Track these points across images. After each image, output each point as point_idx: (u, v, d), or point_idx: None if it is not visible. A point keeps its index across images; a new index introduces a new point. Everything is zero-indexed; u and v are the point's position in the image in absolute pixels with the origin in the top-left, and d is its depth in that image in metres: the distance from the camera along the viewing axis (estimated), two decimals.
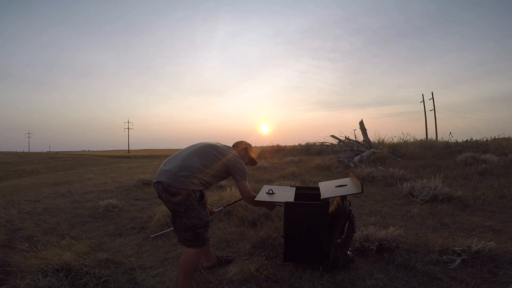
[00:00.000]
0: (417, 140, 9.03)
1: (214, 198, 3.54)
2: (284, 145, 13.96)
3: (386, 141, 8.81)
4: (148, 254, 2.45)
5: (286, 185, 4.15)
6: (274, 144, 14.04)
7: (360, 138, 8.36)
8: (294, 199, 2.03)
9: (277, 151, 12.71)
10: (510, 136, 9.36)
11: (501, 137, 9.00)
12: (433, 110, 28.07)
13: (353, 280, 1.84)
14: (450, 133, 13.01)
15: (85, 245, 2.49)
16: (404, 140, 8.74)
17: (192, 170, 1.71)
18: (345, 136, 8.74)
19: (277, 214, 3.01)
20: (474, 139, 8.10)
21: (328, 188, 2.07)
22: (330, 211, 2.01)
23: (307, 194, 2.32)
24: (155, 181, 1.73)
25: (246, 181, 1.93)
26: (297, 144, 13.25)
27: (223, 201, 3.34)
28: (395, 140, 8.85)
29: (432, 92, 28.36)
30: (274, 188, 2.33)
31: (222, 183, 5.18)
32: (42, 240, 2.74)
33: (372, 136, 8.68)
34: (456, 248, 2.03)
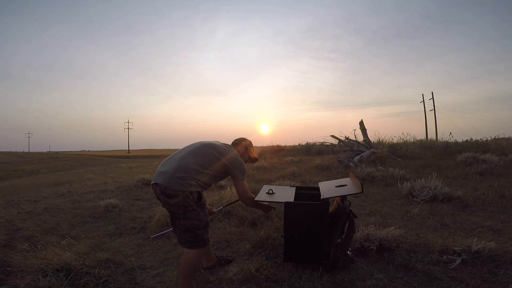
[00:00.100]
0: (417, 140, 9.03)
1: (214, 198, 3.54)
2: (284, 145, 13.97)
3: (386, 141, 8.82)
4: (148, 254, 2.45)
5: (286, 185, 4.15)
6: (274, 144, 14.05)
7: (360, 138, 8.37)
8: (294, 199, 2.03)
9: (277, 151, 12.70)
10: (510, 136, 9.36)
11: (501, 137, 9.01)
12: (433, 110, 28.09)
13: (353, 280, 1.84)
14: (450, 133, 13.03)
15: (85, 245, 2.48)
16: (404, 140, 8.75)
17: (188, 171, 1.67)
18: (345, 136, 8.74)
19: (277, 214, 3.02)
20: (474, 139, 8.11)
21: (328, 188, 2.07)
22: (330, 211, 2.01)
23: (307, 194, 2.32)
24: (152, 182, 1.71)
25: (244, 181, 1.89)
26: (297, 144, 13.26)
27: (223, 201, 3.34)
28: (395, 140, 8.87)
29: (432, 92, 28.40)
30: (274, 188, 2.33)
31: (222, 183, 5.17)
32: (42, 240, 2.74)
33: (372, 136, 8.69)
34: (456, 248, 2.03)
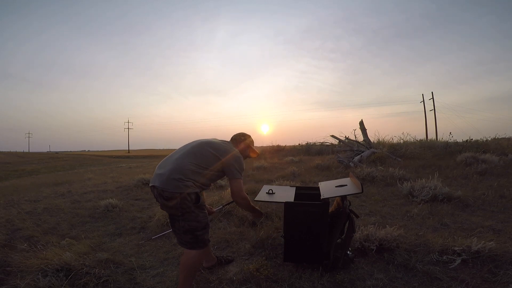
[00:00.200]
0: (417, 140, 9.04)
1: (214, 198, 3.54)
2: (284, 145, 13.97)
3: (386, 141, 8.82)
4: (148, 254, 2.45)
5: (286, 185, 4.15)
6: (274, 144, 14.05)
7: (360, 138, 8.37)
8: (294, 199, 2.03)
9: (277, 151, 12.70)
10: (510, 136, 9.37)
11: (501, 137, 9.01)
12: (433, 110, 28.10)
13: (353, 280, 1.84)
14: (450, 133, 13.04)
15: (85, 245, 2.48)
16: (404, 140, 8.75)
17: (185, 173, 1.64)
18: (345, 136, 8.74)
19: (277, 214, 3.01)
20: (474, 139, 8.11)
21: (328, 188, 2.07)
22: (330, 211, 2.01)
23: (307, 194, 2.32)
24: (150, 185, 1.70)
25: (241, 180, 1.82)
26: (297, 144, 13.27)
27: (223, 201, 3.34)
28: (395, 140, 8.87)
29: (432, 92, 28.41)
30: (274, 188, 2.33)
31: (222, 182, 5.17)
32: (42, 240, 2.73)
33: (372, 136, 8.69)
34: (456, 248, 2.03)
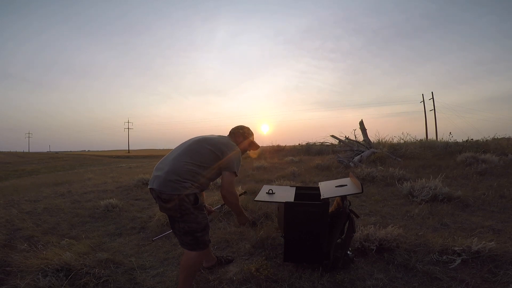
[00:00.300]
0: (417, 140, 9.04)
1: (214, 198, 3.54)
2: (284, 145, 13.97)
3: (386, 141, 8.82)
4: (148, 254, 2.45)
5: (286, 185, 4.15)
6: (274, 144, 14.06)
7: (360, 138, 8.37)
8: (294, 199, 2.03)
9: (277, 151, 12.71)
10: (510, 136, 9.37)
11: (501, 137, 9.02)
12: (433, 110, 28.10)
13: (353, 280, 1.84)
14: (450, 133, 13.04)
15: (85, 245, 2.48)
16: (404, 140, 8.76)
17: (181, 173, 1.60)
18: (345, 136, 8.74)
19: (277, 214, 3.01)
20: (474, 139, 8.11)
21: (328, 188, 2.07)
22: (330, 211, 2.01)
23: (307, 194, 2.32)
24: (149, 187, 1.68)
25: (235, 174, 1.76)
26: (297, 144, 13.27)
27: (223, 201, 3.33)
28: (395, 140, 8.87)
29: (432, 92, 28.42)
30: (274, 188, 2.33)
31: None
32: (42, 240, 2.74)
33: (372, 136, 8.69)
34: (456, 248, 2.03)
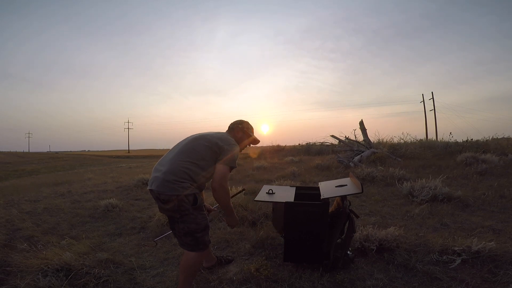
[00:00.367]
0: (417, 140, 9.04)
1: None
2: (284, 145, 13.99)
3: (386, 141, 8.82)
4: (148, 254, 2.45)
5: (286, 185, 4.15)
6: (274, 144, 14.07)
7: (360, 138, 8.37)
8: (294, 199, 2.03)
9: (277, 151, 12.71)
10: (510, 136, 9.36)
11: (501, 137, 9.01)
12: (433, 110, 28.11)
13: (353, 280, 1.84)
14: (450, 133, 13.06)
15: (85, 245, 2.48)
16: (404, 140, 8.76)
17: (179, 174, 1.58)
18: (345, 136, 8.74)
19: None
20: (474, 139, 8.11)
21: (328, 188, 2.07)
22: (330, 211, 2.01)
23: (307, 194, 2.32)
24: (148, 188, 1.67)
25: (229, 168, 1.69)
26: (297, 144, 13.28)
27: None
28: (395, 140, 8.87)
29: (432, 92, 28.43)
30: (274, 188, 2.34)
31: None
32: (42, 240, 2.74)
33: (372, 136, 8.69)
34: (456, 248, 2.03)
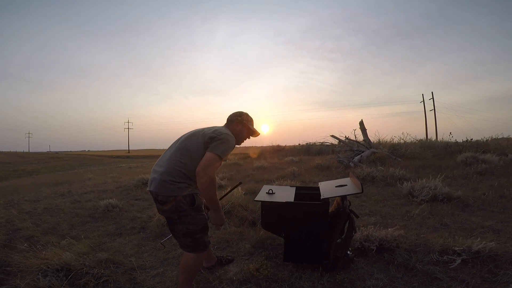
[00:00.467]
0: (417, 140, 9.04)
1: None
2: (284, 145, 14.01)
3: (386, 141, 8.82)
4: (148, 254, 2.45)
5: (286, 185, 4.15)
6: (274, 144, 14.09)
7: (360, 138, 8.37)
8: (294, 199, 2.03)
9: (277, 151, 12.72)
10: (510, 136, 9.36)
11: (501, 137, 9.01)
12: (433, 110, 28.12)
13: (353, 280, 1.84)
14: (450, 133, 13.07)
15: (85, 245, 2.48)
16: (404, 140, 8.76)
17: (175, 174, 1.55)
18: (345, 136, 8.75)
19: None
20: (474, 139, 8.11)
21: (328, 188, 2.07)
22: (330, 211, 2.01)
23: (307, 194, 2.32)
24: (147, 189, 1.66)
25: (218, 157, 1.55)
26: (297, 144, 13.30)
27: (223, 201, 3.33)
28: (395, 140, 8.88)
29: (432, 92, 28.45)
30: (274, 188, 2.34)
31: (222, 183, 5.17)
32: (42, 240, 2.73)
33: (372, 136, 8.70)
34: (456, 248, 2.03)
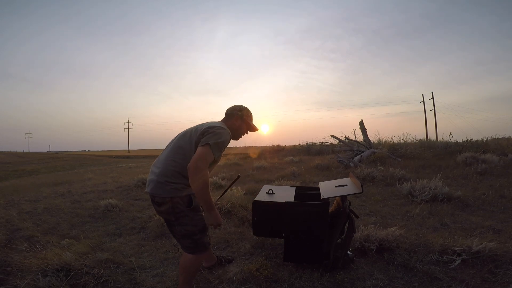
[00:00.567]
0: (417, 140, 9.05)
1: (213, 198, 3.53)
2: (284, 145, 14.02)
3: (386, 141, 8.83)
4: (148, 254, 2.45)
5: (286, 185, 4.15)
6: (274, 144, 14.09)
7: (360, 138, 8.37)
8: (294, 199, 2.03)
9: (277, 151, 12.72)
10: (510, 136, 9.37)
11: (501, 137, 9.02)
12: (433, 110, 28.13)
13: (353, 280, 1.84)
14: (450, 133, 13.06)
15: (85, 245, 2.48)
16: (404, 140, 8.77)
17: (170, 174, 1.53)
18: (345, 136, 8.75)
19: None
20: (474, 139, 8.11)
21: (328, 188, 2.07)
22: (330, 211, 2.01)
23: (307, 194, 2.32)
24: (145, 191, 1.64)
25: (211, 152, 1.46)
26: (297, 144, 13.30)
27: (223, 200, 3.32)
28: (395, 140, 8.88)
29: (432, 92, 28.47)
30: (274, 188, 2.34)
31: (222, 183, 5.17)
32: (42, 240, 2.73)
33: (372, 136, 8.71)
34: (456, 248, 2.03)
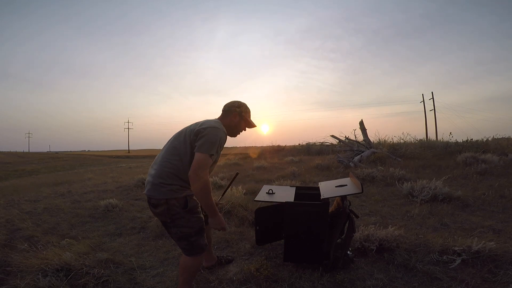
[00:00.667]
0: (417, 140, 9.05)
1: (213, 198, 3.53)
2: (284, 145, 14.03)
3: (386, 141, 8.83)
4: (148, 254, 2.45)
5: (286, 185, 4.15)
6: (274, 144, 14.10)
7: (360, 138, 8.37)
8: (294, 199, 2.03)
9: (277, 151, 12.73)
10: (510, 136, 9.38)
11: (501, 137, 9.02)
12: (433, 110, 28.14)
13: (353, 280, 1.84)
14: (450, 133, 13.07)
15: (85, 245, 2.48)
16: (404, 140, 8.77)
17: (165, 175, 1.51)
18: (345, 136, 8.75)
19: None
20: (474, 139, 8.12)
21: (328, 188, 2.07)
22: (330, 211, 2.01)
23: (307, 194, 2.32)
24: (143, 192, 1.66)
25: (208, 157, 1.45)
26: (297, 144, 13.31)
27: (223, 200, 3.32)
28: (395, 140, 8.89)
29: (432, 92, 28.47)
30: (274, 188, 2.34)
31: (222, 183, 5.17)
32: (42, 240, 2.73)
33: (372, 136, 8.71)
34: (456, 248, 2.03)
